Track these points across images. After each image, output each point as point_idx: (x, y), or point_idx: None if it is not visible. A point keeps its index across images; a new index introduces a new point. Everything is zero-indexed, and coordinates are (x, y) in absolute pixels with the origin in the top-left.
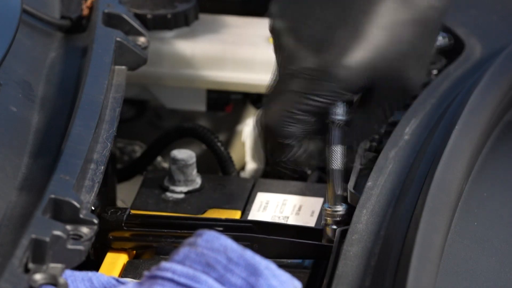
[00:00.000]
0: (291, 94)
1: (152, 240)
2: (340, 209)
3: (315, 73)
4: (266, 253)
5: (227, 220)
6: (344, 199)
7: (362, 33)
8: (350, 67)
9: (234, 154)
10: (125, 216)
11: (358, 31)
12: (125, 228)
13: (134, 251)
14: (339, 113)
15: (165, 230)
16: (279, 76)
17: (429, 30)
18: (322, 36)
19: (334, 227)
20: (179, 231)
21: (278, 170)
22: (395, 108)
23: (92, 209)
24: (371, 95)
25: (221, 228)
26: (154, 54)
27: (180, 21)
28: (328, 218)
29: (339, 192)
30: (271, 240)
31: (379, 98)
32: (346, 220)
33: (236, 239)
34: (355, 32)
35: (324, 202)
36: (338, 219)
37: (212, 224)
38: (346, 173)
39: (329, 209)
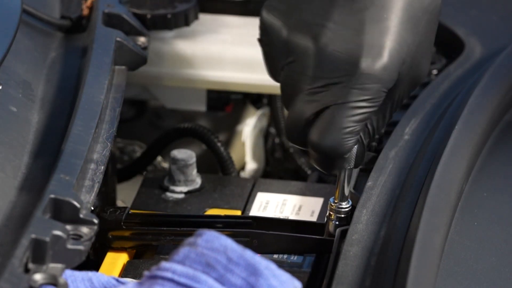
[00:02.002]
0: (340, 107)
1: (152, 239)
2: (345, 206)
3: (358, 79)
4: (266, 249)
5: (226, 216)
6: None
7: (388, 29)
8: (388, 65)
9: (234, 154)
10: (124, 215)
11: (384, 28)
12: (124, 227)
13: (134, 251)
14: None
15: (165, 228)
16: (301, 90)
17: (436, 19)
18: (351, 39)
19: (337, 223)
20: (178, 229)
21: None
22: (406, 98)
23: (92, 209)
24: (390, 90)
25: (220, 225)
26: (154, 54)
27: (180, 21)
28: (332, 213)
29: (347, 190)
30: (270, 235)
31: (398, 90)
32: (349, 217)
33: (236, 235)
34: (382, 30)
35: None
36: (342, 215)
37: (211, 221)
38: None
39: (334, 204)
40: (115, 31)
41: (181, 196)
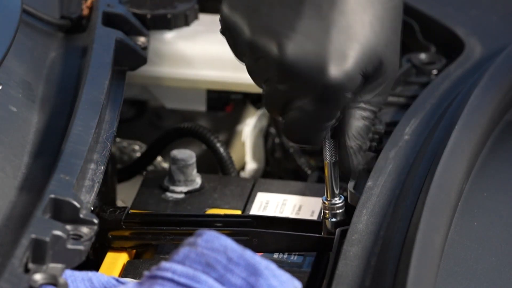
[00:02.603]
0: (309, 113)
1: (152, 238)
2: (338, 201)
3: (321, 90)
4: (266, 248)
5: (226, 215)
6: (341, 192)
7: (351, 37)
8: (352, 71)
9: (234, 154)
10: (124, 215)
11: (348, 36)
12: (124, 227)
13: (134, 251)
14: None
15: (164, 228)
16: (272, 88)
17: (401, 12)
18: (315, 49)
19: (333, 219)
20: (178, 228)
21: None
22: (387, 95)
23: (92, 209)
24: (366, 91)
25: (220, 224)
26: (154, 54)
27: (180, 21)
28: (326, 211)
29: (336, 186)
30: (270, 234)
31: (369, 87)
32: (344, 212)
33: (235, 234)
34: (346, 38)
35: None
36: (336, 211)
37: (211, 220)
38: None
39: (327, 202)
40: (115, 31)
41: (181, 196)
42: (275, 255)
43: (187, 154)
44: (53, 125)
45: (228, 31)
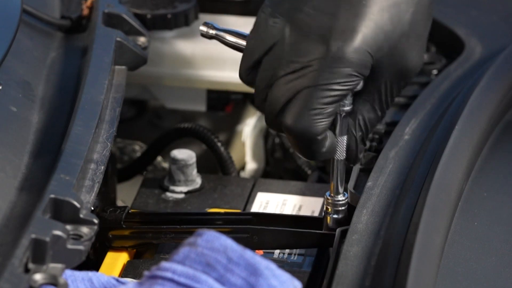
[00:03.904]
0: (311, 90)
1: (152, 237)
2: (341, 198)
3: (329, 62)
4: (266, 245)
5: (226, 213)
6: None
7: (364, 15)
8: (360, 49)
9: (234, 154)
10: (124, 214)
11: (360, 14)
12: (124, 226)
13: (134, 250)
14: (345, 103)
15: (164, 227)
16: (277, 76)
17: (426, 11)
18: (325, 23)
19: (335, 216)
20: (178, 226)
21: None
22: (396, 92)
23: (92, 209)
24: (374, 80)
25: (220, 222)
26: (154, 54)
27: (180, 21)
28: (329, 207)
29: (341, 183)
30: (270, 231)
31: (382, 81)
32: (346, 210)
33: (236, 231)
34: (357, 15)
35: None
36: (339, 208)
37: (211, 218)
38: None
39: (331, 198)
40: (115, 31)
41: (181, 196)
42: (275, 255)
43: (187, 154)
44: (53, 125)
45: (254, 27)
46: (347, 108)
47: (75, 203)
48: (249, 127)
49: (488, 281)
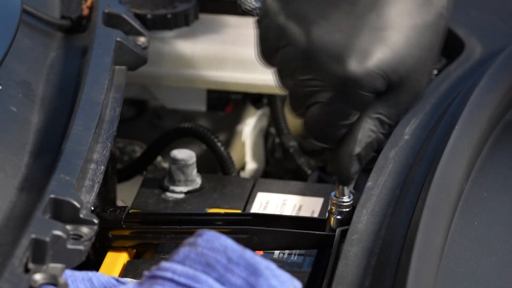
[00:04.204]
0: (325, 108)
1: (152, 237)
2: (347, 200)
3: (342, 82)
4: (266, 245)
5: (226, 214)
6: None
7: (382, 37)
8: (372, 72)
9: (234, 154)
10: (124, 214)
11: (378, 36)
12: (124, 226)
13: (134, 250)
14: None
15: (165, 227)
16: (294, 77)
17: (440, 36)
18: (341, 41)
19: (339, 217)
20: (178, 227)
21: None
22: (403, 114)
23: (92, 209)
24: (386, 101)
25: (220, 222)
26: (154, 54)
27: (180, 21)
28: (333, 207)
29: (348, 185)
30: (270, 231)
31: (393, 103)
32: (351, 212)
33: (235, 232)
34: (375, 36)
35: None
36: (343, 209)
37: (211, 219)
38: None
39: (336, 198)
40: (115, 31)
41: (181, 196)
42: (275, 255)
43: (187, 154)
44: (53, 125)
45: (264, 16)
46: None
47: (75, 203)
48: (249, 127)
49: (488, 281)
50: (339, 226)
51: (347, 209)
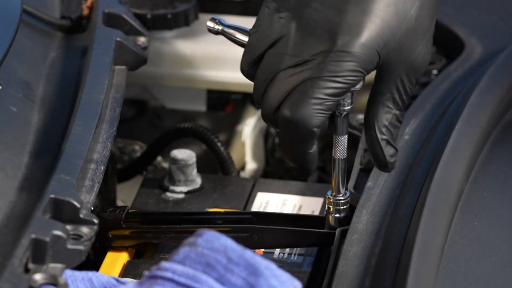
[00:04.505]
0: (314, 80)
1: (152, 237)
2: (342, 198)
3: (334, 55)
4: (266, 244)
5: (226, 213)
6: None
7: (371, 11)
8: (366, 45)
9: (234, 154)
10: (124, 214)
11: (367, 9)
12: (124, 226)
13: (134, 250)
14: (345, 103)
15: (164, 226)
16: (279, 69)
17: (431, 6)
18: (332, 18)
19: (337, 215)
20: (178, 226)
21: (303, 166)
22: (409, 89)
23: (92, 209)
24: (384, 80)
25: (220, 221)
26: (154, 54)
27: (180, 21)
28: (330, 206)
29: (343, 182)
30: (270, 230)
31: (392, 78)
32: (348, 208)
33: (235, 230)
34: (364, 10)
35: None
36: (340, 207)
37: (211, 218)
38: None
39: (332, 197)
40: (115, 31)
41: (181, 196)
42: (275, 255)
43: (187, 154)
44: (53, 125)
45: (257, 21)
46: (347, 108)
47: (75, 203)
48: (249, 127)
49: (488, 281)
50: (338, 223)
51: (344, 207)
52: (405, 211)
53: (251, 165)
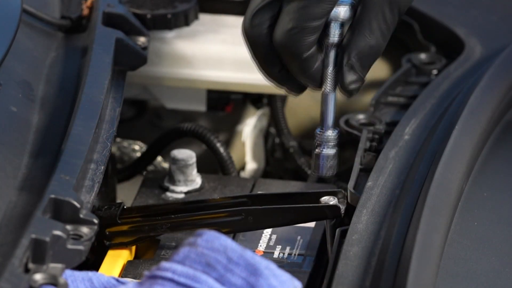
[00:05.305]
0: (300, 3)
1: (149, 230)
2: (331, 134)
3: None
4: (262, 224)
5: (220, 199)
6: (337, 125)
7: None
8: None
9: (234, 154)
10: (119, 210)
11: None
12: (120, 222)
13: (135, 247)
14: (334, 34)
15: (160, 218)
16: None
17: None
18: None
19: (324, 151)
20: (173, 216)
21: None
22: (389, 18)
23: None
24: (364, 8)
25: (214, 208)
26: (154, 54)
27: (180, 21)
28: (317, 142)
29: (331, 116)
30: (264, 210)
31: (372, 6)
32: (337, 146)
33: (230, 215)
34: None
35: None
36: (329, 143)
37: (206, 205)
38: (346, 172)
39: (320, 133)
40: (115, 31)
41: (181, 196)
42: (275, 255)
43: (187, 154)
44: (53, 125)
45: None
46: (336, 39)
47: (75, 203)
48: (249, 127)
49: (488, 281)
50: (326, 172)
51: (333, 143)
52: (405, 211)
53: (251, 165)
